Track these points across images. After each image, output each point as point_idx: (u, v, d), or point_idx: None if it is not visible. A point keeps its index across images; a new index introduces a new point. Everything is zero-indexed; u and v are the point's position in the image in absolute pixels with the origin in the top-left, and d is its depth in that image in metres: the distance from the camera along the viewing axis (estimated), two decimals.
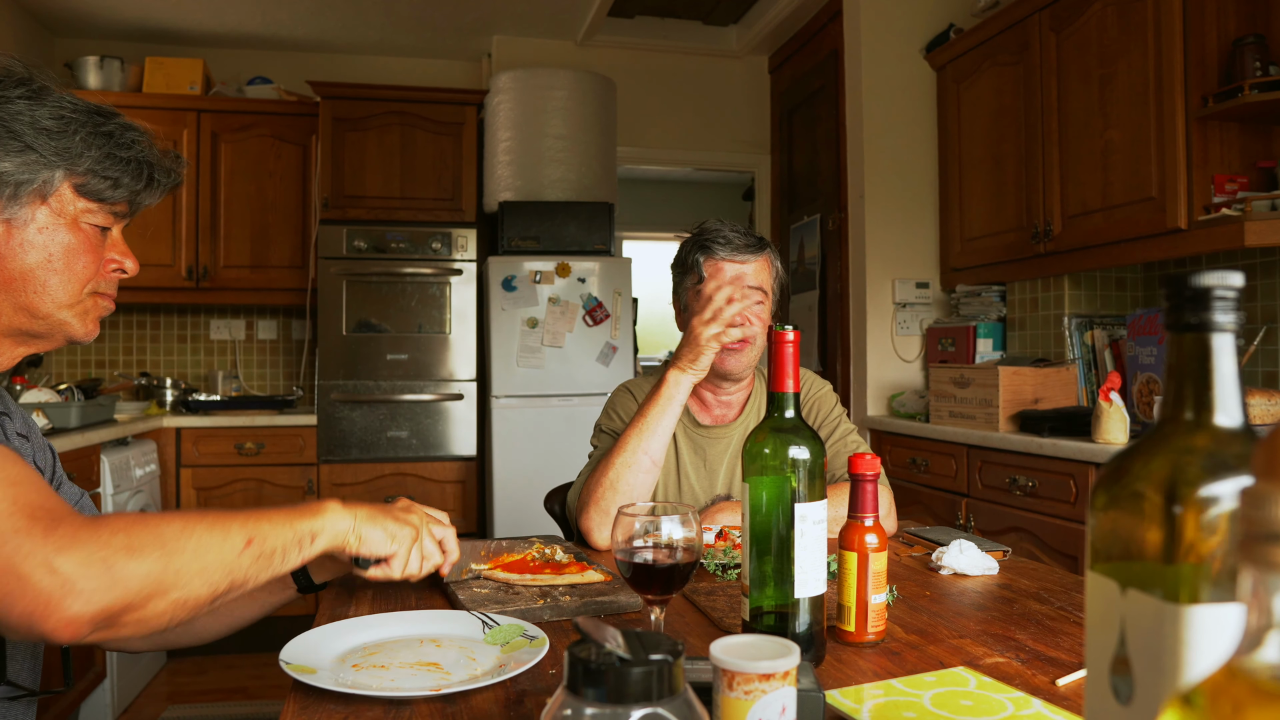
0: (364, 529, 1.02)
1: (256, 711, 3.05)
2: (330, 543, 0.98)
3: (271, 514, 0.93)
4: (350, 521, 1.01)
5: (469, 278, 4.05)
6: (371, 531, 1.02)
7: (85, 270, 1.00)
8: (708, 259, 1.64)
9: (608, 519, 1.48)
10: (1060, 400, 2.85)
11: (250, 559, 0.88)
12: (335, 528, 0.99)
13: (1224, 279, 0.47)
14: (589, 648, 0.51)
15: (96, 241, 1.02)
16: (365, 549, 1.02)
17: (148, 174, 1.03)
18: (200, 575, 0.84)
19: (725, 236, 1.64)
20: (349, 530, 1.00)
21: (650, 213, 7.02)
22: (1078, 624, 1.09)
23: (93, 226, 1.01)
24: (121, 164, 0.99)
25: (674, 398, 1.51)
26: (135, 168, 1.01)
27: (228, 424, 3.85)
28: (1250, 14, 2.45)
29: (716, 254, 1.63)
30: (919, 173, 3.63)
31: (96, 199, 0.99)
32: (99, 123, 0.98)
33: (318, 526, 0.97)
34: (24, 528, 0.76)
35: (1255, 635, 0.33)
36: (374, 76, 4.62)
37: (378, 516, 1.04)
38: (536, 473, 3.58)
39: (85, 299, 1.02)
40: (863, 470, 1.04)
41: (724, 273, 1.63)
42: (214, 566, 0.85)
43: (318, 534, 0.97)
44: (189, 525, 0.85)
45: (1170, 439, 0.48)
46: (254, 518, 0.91)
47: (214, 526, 0.87)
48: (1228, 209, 2.35)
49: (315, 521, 0.97)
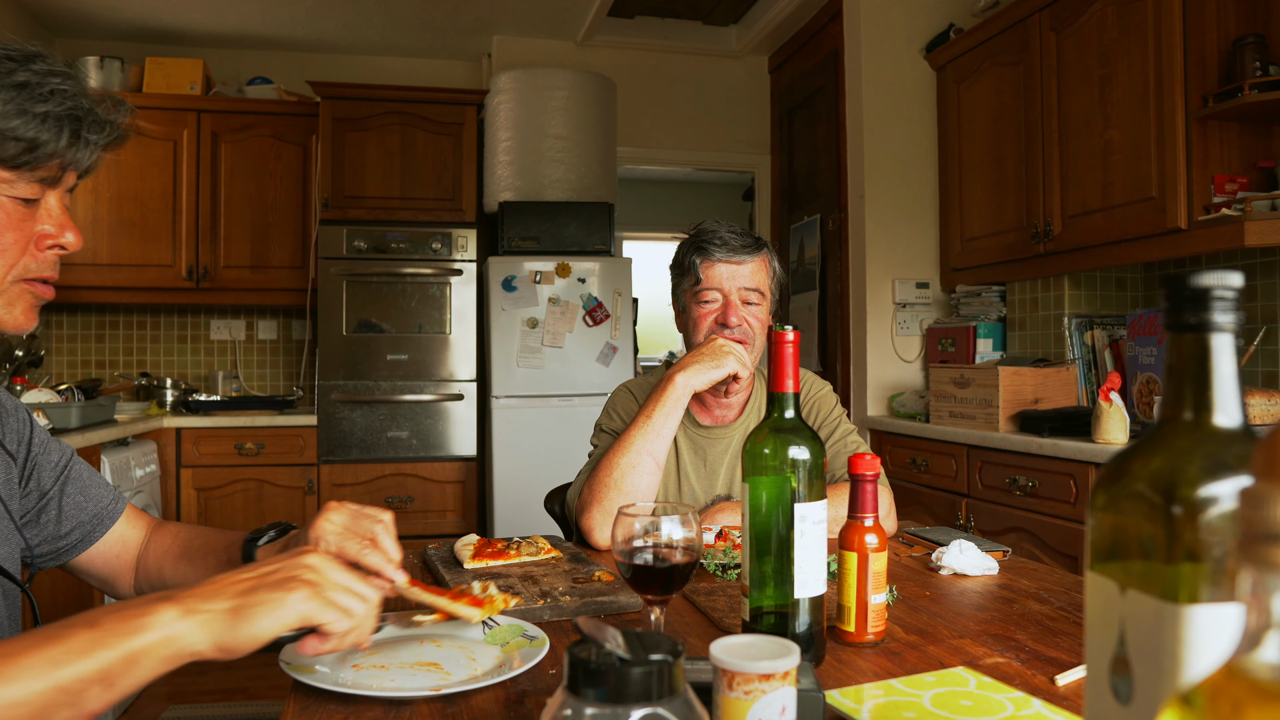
0: (232, 635, 0.71)
1: (256, 711, 3.05)
2: (161, 670, 0.70)
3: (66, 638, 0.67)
4: (199, 634, 0.71)
5: (469, 278, 4.05)
6: (247, 631, 0.72)
7: (7, 251, 0.85)
8: (704, 260, 1.63)
9: (610, 518, 1.48)
10: (1060, 400, 2.85)
11: None
12: (163, 653, 0.70)
13: (1223, 279, 0.47)
14: (589, 648, 0.51)
15: (19, 216, 0.85)
16: (245, 653, 0.73)
17: (71, 130, 0.84)
18: None
19: (721, 238, 1.63)
20: (199, 647, 0.71)
21: (650, 213, 7.02)
22: (1078, 624, 1.09)
23: (12, 199, 0.84)
24: (37, 121, 0.81)
25: (680, 400, 1.52)
26: (55, 123, 0.83)
27: (228, 424, 3.85)
28: (1250, 14, 2.45)
29: (712, 255, 1.63)
30: (919, 173, 3.63)
31: (11, 166, 0.82)
32: (8, 70, 0.81)
33: (117, 659, 0.67)
34: None
35: (1254, 635, 0.33)
36: (374, 76, 4.62)
37: (254, 596, 0.73)
38: (536, 473, 3.58)
39: (9, 287, 0.86)
40: (863, 470, 1.04)
41: (719, 274, 1.63)
42: None
43: (118, 674, 0.68)
44: None
45: (1170, 439, 0.48)
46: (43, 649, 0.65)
47: None
48: (1228, 209, 2.35)
49: (113, 652, 0.67)
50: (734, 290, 1.63)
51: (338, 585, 0.77)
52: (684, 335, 1.72)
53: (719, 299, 1.64)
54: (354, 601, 0.77)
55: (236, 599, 0.73)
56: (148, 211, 4.05)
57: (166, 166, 4.07)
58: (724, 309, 1.63)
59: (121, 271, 4.02)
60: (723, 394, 1.67)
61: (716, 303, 1.64)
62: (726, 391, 1.66)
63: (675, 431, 1.54)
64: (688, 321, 1.69)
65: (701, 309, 1.65)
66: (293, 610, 0.74)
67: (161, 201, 4.07)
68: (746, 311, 1.63)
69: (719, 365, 1.52)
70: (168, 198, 4.08)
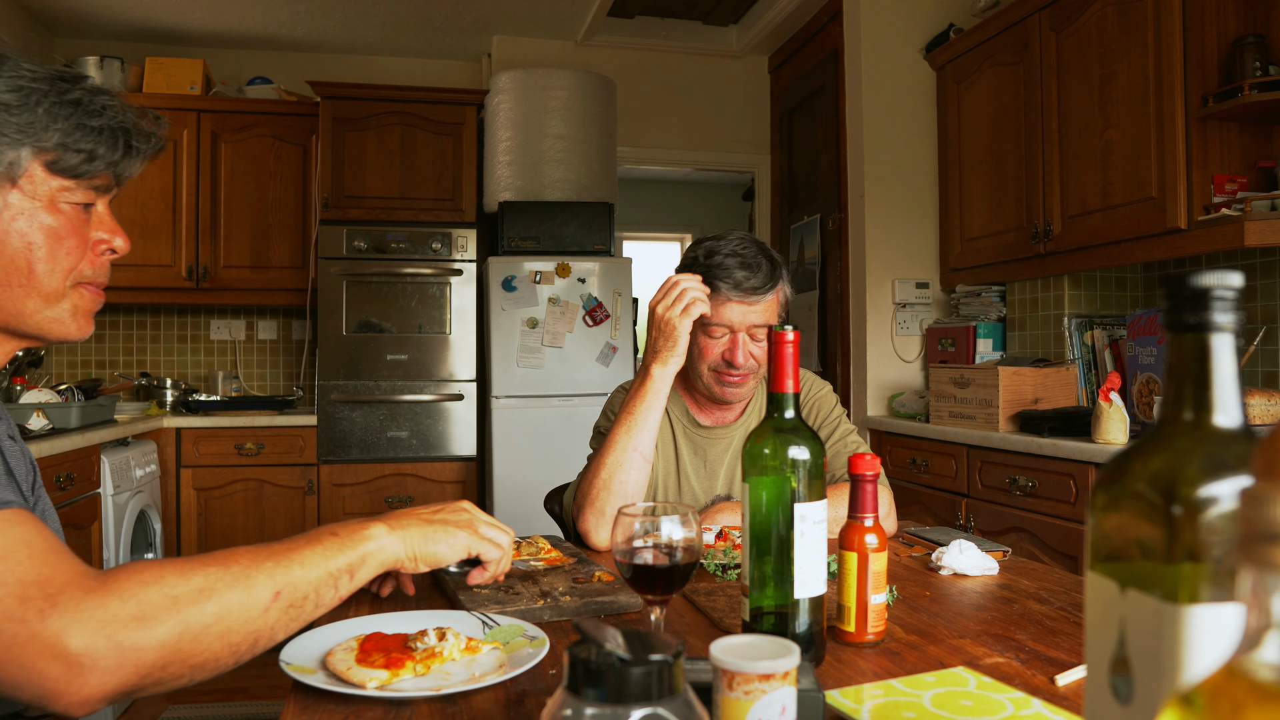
0: (422, 549, 0.98)
1: (256, 712, 3.05)
2: (377, 571, 0.94)
3: (304, 549, 0.86)
4: (400, 546, 0.96)
5: (469, 278, 4.05)
6: (432, 549, 0.98)
7: (72, 253, 0.92)
8: (714, 295, 1.55)
9: (604, 520, 1.48)
10: (1060, 400, 2.85)
11: (278, 613, 0.82)
12: (381, 557, 0.93)
13: (1223, 279, 0.47)
14: (589, 648, 0.51)
15: (80, 221, 0.93)
16: (426, 567, 0.98)
17: (124, 141, 0.93)
18: (222, 639, 0.78)
19: (734, 277, 1.54)
20: (400, 556, 0.96)
21: (650, 213, 7.02)
22: (1078, 624, 1.09)
23: (73, 205, 0.92)
24: (94, 134, 0.90)
25: (661, 391, 1.50)
26: (110, 136, 0.91)
27: (228, 424, 3.85)
28: (1250, 14, 2.45)
29: (724, 292, 1.55)
30: (919, 173, 3.63)
31: (72, 175, 0.90)
32: (64, 90, 0.88)
33: (357, 558, 0.90)
34: (16, 612, 0.70)
35: (1254, 635, 0.33)
36: (374, 76, 4.62)
37: (432, 527, 0.99)
38: (536, 473, 3.58)
39: (71, 291, 0.93)
40: (863, 470, 1.04)
41: (730, 314, 1.56)
42: (237, 627, 0.79)
43: (357, 568, 0.90)
44: (209, 581, 0.78)
45: (1170, 439, 0.48)
46: (284, 559, 0.84)
47: (237, 580, 0.79)
48: (1228, 209, 2.35)
49: (354, 553, 0.90)
50: (743, 328, 1.58)
51: (488, 523, 1.08)
52: (690, 360, 1.66)
53: (727, 334, 1.60)
54: (501, 536, 1.08)
55: (424, 526, 0.99)
56: (148, 211, 4.05)
57: (166, 166, 4.07)
58: (731, 348, 1.58)
59: (121, 271, 4.00)
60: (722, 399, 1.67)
61: (724, 337, 1.60)
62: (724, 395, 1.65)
63: (660, 420, 1.53)
64: (691, 346, 1.63)
65: (707, 341, 1.60)
66: (460, 543, 1.02)
67: (161, 201, 4.07)
68: (753, 345, 1.59)
69: (675, 331, 1.47)
70: (168, 198, 4.08)
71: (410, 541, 0.97)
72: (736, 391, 1.64)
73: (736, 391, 1.64)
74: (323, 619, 1.10)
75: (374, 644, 0.94)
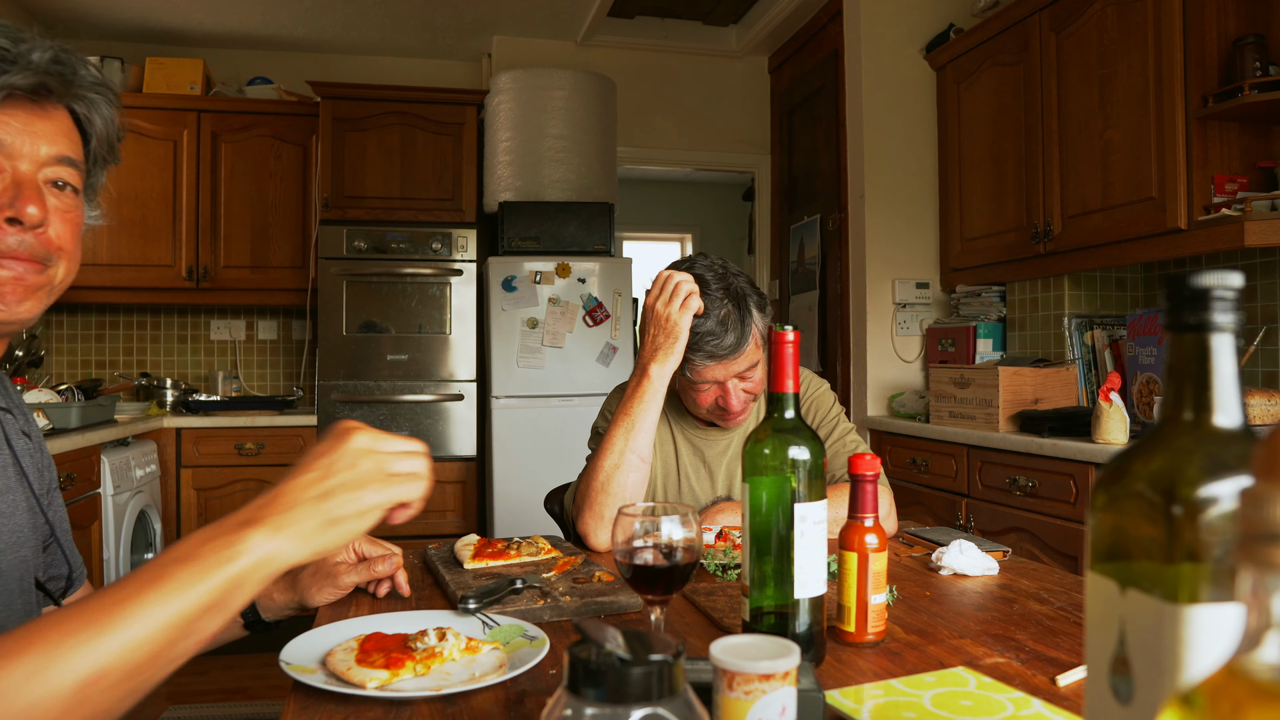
0: (325, 539, 0.73)
1: (257, 712, 3.05)
2: (267, 584, 0.71)
3: (144, 593, 0.65)
4: (291, 546, 0.71)
5: (469, 278, 4.05)
6: (338, 533, 0.74)
7: None
8: (692, 358, 1.53)
9: (602, 522, 1.48)
10: (1060, 400, 2.85)
11: (103, 696, 0.63)
12: (264, 573, 0.70)
13: (1223, 279, 0.47)
14: (589, 648, 0.51)
15: None
16: (338, 552, 0.79)
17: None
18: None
19: (705, 349, 1.51)
20: (296, 557, 0.72)
21: (650, 213, 7.02)
22: (1078, 624, 1.09)
23: None
24: None
25: (659, 391, 1.50)
26: None
27: (228, 424, 3.85)
28: (1250, 14, 2.45)
29: (697, 360, 1.53)
30: (919, 173, 3.63)
31: None
32: None
33: (225, 584, 0.68)
34: None
35: (1255, 635, 0.33)
36: (374, 76, 4.62)
37: (330, 501, 0.74)
38: (536, 473, 3.58)
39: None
40: (863, 470, 1.04)
41: (712, 373, 1.55)
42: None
43: (230, 597, 0.69)
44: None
45: (1170, 439, 0.48)
46: (108, 619, 0.63)
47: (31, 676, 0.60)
48: (1228, 209, 2.35)
49: (219, 578, 0.68)
50: (729, 378, 1.57)
51: (394, 456, 0.78)
52: (680, 393, 1.67)
53: (714, 385, 1.58)
54: (415, 463, 0.79)
55: (318, 508, 0.73)
56: (148, 212, 4.05)
57: (166, 166, 4.07)
58: (724, 395, 1.58)
59: (121, 271, 4.02)
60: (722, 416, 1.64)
61: (712, 388, 1.59)
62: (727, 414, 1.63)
63: (657, 421, 1.52)
64: (684, 393, 1.64)
65: (699, 392, 1.59)
66: (371, 502, 0.75)
67: (161, 202, 4.07)
68: (745, 384, 1.58)
69: (676, 328, 1.47)
70: (168, 198, 4.08)
71: (306, 535, 0.72)
72: (738, 420, 1.64)
73: (738, 420, 1.64)
74: (323, 619, 1.10)
75: (374, 644, 0.94)
